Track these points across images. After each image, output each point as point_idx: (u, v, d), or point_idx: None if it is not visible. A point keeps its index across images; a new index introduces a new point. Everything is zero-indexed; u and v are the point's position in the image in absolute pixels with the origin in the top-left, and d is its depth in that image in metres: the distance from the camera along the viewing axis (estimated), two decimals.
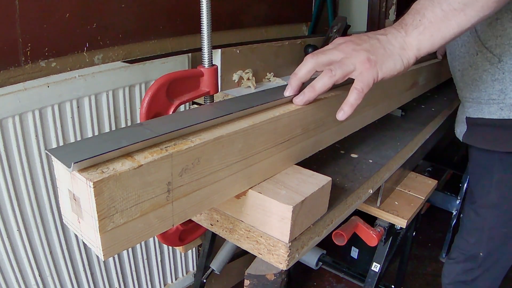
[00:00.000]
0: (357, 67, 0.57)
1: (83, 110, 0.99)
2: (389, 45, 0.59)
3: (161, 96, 0.60)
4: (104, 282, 1.20)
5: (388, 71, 0.59)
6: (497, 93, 0.86)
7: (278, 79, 1.27)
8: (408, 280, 1.81)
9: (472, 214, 0.99)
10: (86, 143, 0.42)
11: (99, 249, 0.39)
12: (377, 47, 0.58)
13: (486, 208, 0.96)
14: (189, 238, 0.79)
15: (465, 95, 0.95)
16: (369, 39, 0.59)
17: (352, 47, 0.58)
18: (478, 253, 0.98)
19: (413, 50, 0.60)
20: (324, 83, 0.57)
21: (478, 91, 0.90)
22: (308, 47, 1.32)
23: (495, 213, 0.94)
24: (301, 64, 0.59)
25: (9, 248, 0.93)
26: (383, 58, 0.58)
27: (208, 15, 0.62)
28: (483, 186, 0.96)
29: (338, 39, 0.61)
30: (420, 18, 0.59)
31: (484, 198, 0.96)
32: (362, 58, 0.57)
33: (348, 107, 0.57)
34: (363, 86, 0.57)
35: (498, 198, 0.93)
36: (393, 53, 0.59)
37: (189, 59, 1.16)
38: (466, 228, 1.02)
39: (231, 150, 0.50)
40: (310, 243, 0.59)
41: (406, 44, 0.60)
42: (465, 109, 0.96)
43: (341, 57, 0.58)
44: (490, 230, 0.96)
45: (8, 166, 0.88)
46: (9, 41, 0.87)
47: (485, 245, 0.97)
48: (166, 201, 0.44)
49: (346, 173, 0.73)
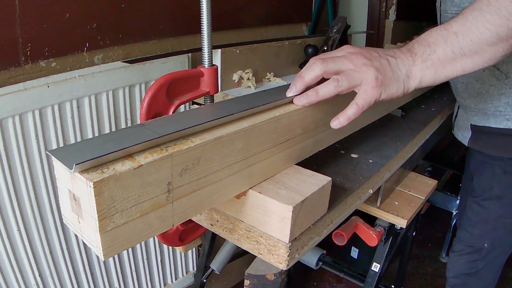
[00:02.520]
0: (364, 83, 0.57)
1: (83, 110, 0.99)
2: (397, 69, 0.59)
3: (161, 96, 0.60)
4: (104, 282, 1.20)
5: (390, 94, 0.59)
6: (504, 106, 0.89)
7: (278, 79, 1.27)
8: (408, 280, 1.81)
9: (476, 206, 1.01)
10: (87, 144, 0.42)
11: (99, 249, 0.39)
12: (386, 68, 0.59)
13: (490, 201, 0.98)
14: (189, 238, 0.79)
15: (469, 104, 0.97)
16: (380, 57, 0.59)
17: (363, 61, 0.58)
18: (483, 244, 1.00)
19: (416, 81, 0.61)
20: (328, 91, 0.57)
21: (484, 103, 0.92)
22: (308, 47, 1.32)
23: (499, 205, 0.97)
24: (309, 68, 0.59)
25: (9, 248, 0.93)
26: (390, 81, 0.59)
27: (208, 15, 0.62)
28: (486, 180, 0.99)
29: (348, 47, 0.61)
30: (430, 53, 0.59)
31: (488, 191, 0.98)
32: (370, 75, 0.57)
33: (345, 118, 0.58)
34: (364, 103, 0.57)
35: (502, 191, 0.96)
36: (399, 78, 0.59)
37: (189, 59, 1.16)
38: (470, 221, 1.03)
39: (231, 150, 0.50)
40: (310, 243, 0.59)
41: (412, 73, 0.60)
42: (469, 116, 0.98)
43: (350, 67, 0.57)
44: (495, 221, 0.98)
45: (8, 166, 0.88)
46: (9, 41, 0.87)
47: (490, 236, 0.99)
48: (166, 201, 0.44)
49: (346, 173, 0.73)
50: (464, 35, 0.58)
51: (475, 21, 0.58)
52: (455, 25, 0.59)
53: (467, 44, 0.58)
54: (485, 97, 0.91)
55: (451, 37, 0.59)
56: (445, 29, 0.60)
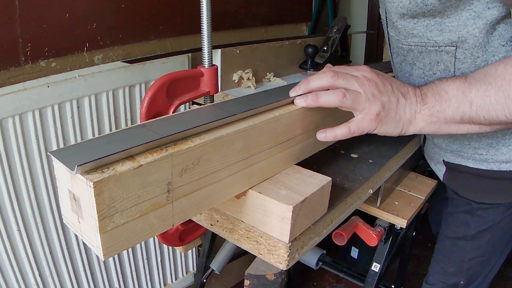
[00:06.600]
0: (365, 112, 0.57)
1: (83, 110, 0.99)
2: (402, 112, 0.58)
3: (161, 96, 0.60)
4: (104, 282, 1.20)
5: (385, 132, 0.59)
6: (486, 148, 0.73)
7: (278, 79, 1.26)
8: (408, 280, 1.81)
9: (449, 245, 0.90)
10: (89, 145, 0.42)
11: (99, 249, 0.39)
12: (392, 107, 0.58)
13: (465, 241, 0.86)
14: (189, 238, 0.79)
15: (439, 144, 0.81)
16: (392, 93, 0.58)
17: (373, 91, 0.56)
18: (458, 281, 0.90)
19: (416, 128, 0.60)
20: (330, 100, 0.56)
21: (459, 145, 0.76)
22: (308, 47, 1.32)
23: (475, 245, 0.84)
24: (318, 76, 0.58)
25: (9, 248, 0.93)
26: (390, 120, 0.58)
27: (208, 15, 0.62)
28: (462, 220, 0.85)
29: (365, 70, 0.58)
30: (439, 110, 0.58)
31: (464, 231, 0.85)
32: (374, 109, 0.56)
33: (331, 136, 0.58)
34: (356, 130, 0.57)
35: (479, 232, 0.83)
36: (400, 121, 0.59)
37: (189, 59, 1.16)
38: (444, 257, 0.92)
39: (231, 150, 0.50)
40: (310, 243, 0.59)
41: (415, 119, 0.59)
42: (440, 152, 0.82)
43: (358, 91, 0.56)
44: (470, 260, 0.87)
45: (8, 166, 0.88)
46: (9, 41, 0.87)
47: (465, 274, 0.89)
48: (166, 201, 0.44)
49: (346, 173, 0.73)
50: (479, 110, 0.55)
51: (496, 103, 0.54)
52: (474, 91, 0.56)
53: (478, 118, 0.56)
54: (460, 139, 0.75)
55: (465, 104, 0.56)
56: (462, 92, 0.56)
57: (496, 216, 0.80)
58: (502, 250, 0.86)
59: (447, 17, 0.62)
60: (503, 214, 0.79)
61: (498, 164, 0.74)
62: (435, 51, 0.67)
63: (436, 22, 0.64)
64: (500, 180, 0.75)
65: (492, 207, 0.79)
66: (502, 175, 0.74)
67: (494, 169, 0.74)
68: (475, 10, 0.60)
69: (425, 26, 0.66)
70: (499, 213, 0.79)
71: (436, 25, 0.64)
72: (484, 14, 0.60)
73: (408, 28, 0.68)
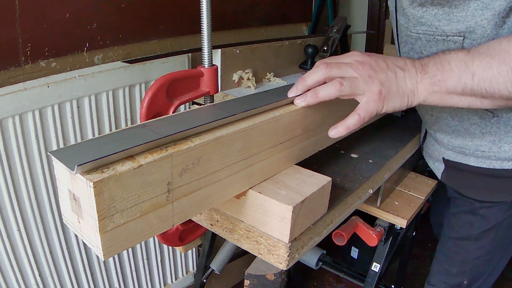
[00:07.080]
0: (367, 94, 0.56)
1: (83, 110, 0.99)
2: (403, 84, 0.58)
3: (161, 96, 0.60)
4: (104, 282, 1.20)
5: (393, 108, 0.59)
6: (488, 145, 0.73)
7: (278, 79, 1.26)
8: (408, 280, 1.81)
9: (452, 246, 0.90)
10: (89, 145, 0.42)
11: (99, 249, 0.39)
12: (392, 82, 0.57)
13: (468, 241, 0.86)
14: (189, 238, 0.79)
15: (441, 139, 0.82)
16: (387, 69, 0.57)
17: (369, 72, 0.56)
18: (461, 281, 0.90)
19: (420, 98, 0.59)
20: (329, 93, 0.56)
21: (461, 141, 0.77)
22: (308, 47, 1.32)
23: (479, 245, 0.85)
24: (312, 71, 0.58)
25: (9, 248, 0.93)
26: (393, 95, 0.57)
27: (208, 15, 0.62)
28: (465, 220, 0.85)
29: (356, 55, 0.59)
30: (440, 80, 0.57)
31: (467, 231, 0.85)
32: (374, 88, 0.56)
33: (344, 128, 0.57)
34: (366, 115, 0.56)
35: (483, 232, 0.83)
36: (404, 93, 0.58)
37: (189, 59, 1.16)
38: (447, 258, 0.92)
39: (231, 150, 0.50)
40: (310, 243, 0.59)
41: (417, 89, 0.59)
42: (441, 149, 0.83)
43: (354, 76, 0.56)
44: (474, 260, 0.87)
45: (8, 166, 0.88)
46: (9, 41, 0.87)
47: (468, 274, 0.89)
48: (166, 201, 0.44)
49: (346, 173, 0.73)
50: (480, 82, 0.55)
51: (499, 76, 0.53)
52: (476, 63, 0.55)
53: (480, 91, 0.55)
54: (463, 135, 0.76)
55: (467, 75, 0.55)
56: (464, 63, 0.56)
57: (499, 215, 0.80)
58: (506, 249, 0.86)
59: (455, 7, 0.63)
60: (506, 213, 0.80)
61: (500, 162, 0.74)
62: (442, 40, 0.68)
63: (445, 12, 0.65)
64: (502, 178, 0.76)
65: (494, 206, 0.79)
66: (504, 173, 0.74)
67: (496, 167, 0.74)
68: (482, 1, 0.60)
69: (434, 15, 0.67)
70: (502, 212, 0.80)
71: (444, 14, 0.65)
72: (492, 5, 0.60)
73: (417, 16, 0.69)
